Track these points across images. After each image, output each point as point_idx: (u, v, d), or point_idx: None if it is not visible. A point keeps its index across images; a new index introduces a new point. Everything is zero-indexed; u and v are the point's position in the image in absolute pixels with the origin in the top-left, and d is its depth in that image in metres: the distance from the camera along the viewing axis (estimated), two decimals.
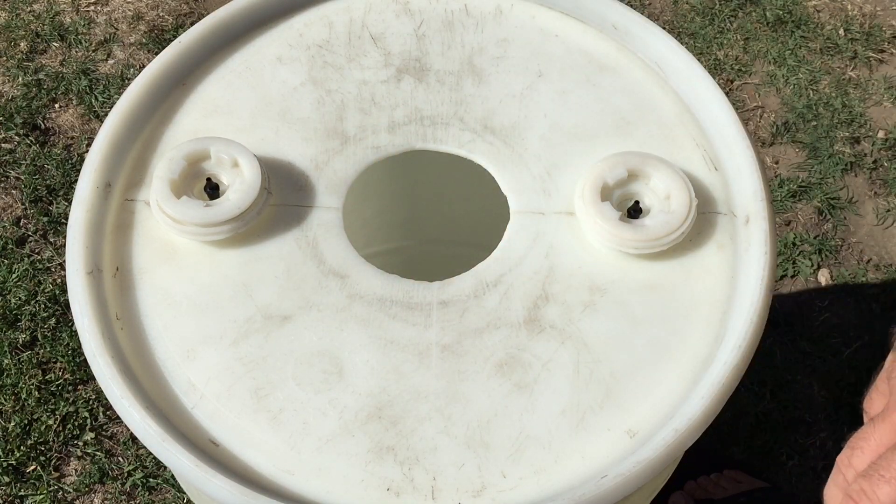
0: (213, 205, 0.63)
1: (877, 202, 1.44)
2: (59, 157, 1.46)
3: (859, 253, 1.40)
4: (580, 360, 0.60)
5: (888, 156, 1.49)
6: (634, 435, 0.58)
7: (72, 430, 1.22)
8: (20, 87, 1.55)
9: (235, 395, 0.59)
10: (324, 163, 0.69)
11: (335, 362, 0.60)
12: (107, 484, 1.19)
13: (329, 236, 0.65)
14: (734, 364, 0.57)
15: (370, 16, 0.76)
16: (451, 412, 0.58)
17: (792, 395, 1.27)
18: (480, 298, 0.63)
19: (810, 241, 1.39)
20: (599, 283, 0.63)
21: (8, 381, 1.25)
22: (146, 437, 0.55)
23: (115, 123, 0.67)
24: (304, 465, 0.57)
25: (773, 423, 1.24)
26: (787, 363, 1.29)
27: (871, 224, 1.43)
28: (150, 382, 0.59)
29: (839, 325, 1.32)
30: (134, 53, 1.61)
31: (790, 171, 1.47)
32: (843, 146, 1.49)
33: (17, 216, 1.41)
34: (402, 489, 0.56)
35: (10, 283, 1.33)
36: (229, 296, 0.63)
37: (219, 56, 0.74)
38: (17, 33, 1.62)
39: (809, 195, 1.44)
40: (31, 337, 1.29)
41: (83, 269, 0.61)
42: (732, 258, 0.64)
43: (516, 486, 0.56)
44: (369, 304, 0.62)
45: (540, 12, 0.76)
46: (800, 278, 1.37)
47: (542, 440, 0.57)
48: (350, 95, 0.72)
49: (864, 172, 1.47)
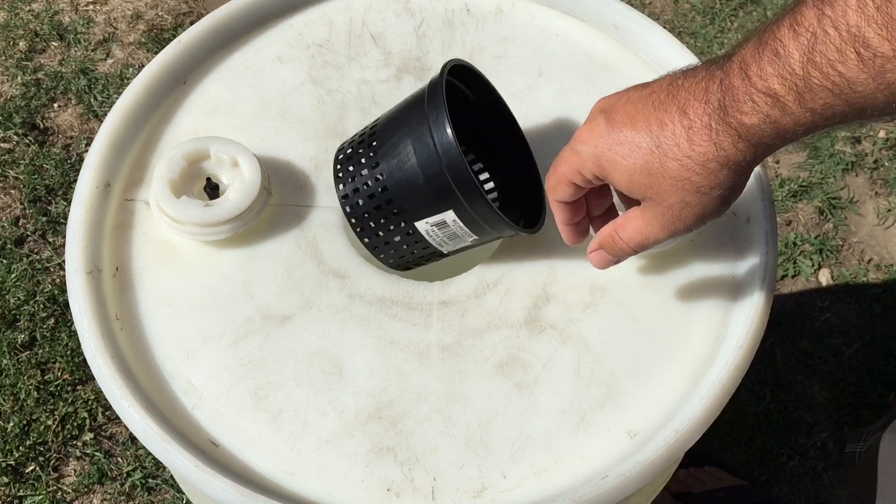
0: (212, 205, 0.62)
1: (878, 202, 1.44)
2: (57, 157, 1.46)
3: (860, 253, 1.40)
4: (581, 361, 0.60)
5: (889, 155, 1.48)
6: (635, 435, 0.58)
7: (71, 431, 1.22)
8: (19, 86, 1.55)
9: (235, 396, 0.59)
10: (324, 162, 0.69)
11: (335, 362, 0.60)
12: (106, 484, 1.19)
13: (329, 236, 0.65)
14: (735, 364, 0.57)
15: (370, 15, 0.76)
16: (451, 412, 0.58)
17: (792, 395, 1.27)
18: (481, 298, 0.63)
19: (811, 241, 1.39)
20: (600, 284, 0.63)
21: (7, 381, 1.25)
22: (146, 437, 0.55)
23: (115, 123, 0.67)
24: (303, 465, 0.56)
25: (774, 423, 1.24)
26: (787, 363, 1.29)
27: (871, 224, 1.42)
28: (150, 383, 0.59)
29: (840, 325, 1.32)
30: (133, 53, 1.60)
31: (791, 170, 1.47)
32: (844, 146, 1.49)
33: (15, 216, 1.40)
34: (402, 489, 0.56)
35: (9, 283, 1.33)
36: (229, 296, 0.62)
37: (218, 55, 0.73)
38: (15, 32, 1.62)
39: (810, 195, 1.44)
40: (29, 337, 1.29)
41: (83, 269, 0.61)
42: (733, 258, 0.64)
43: (517, 486, 0.56)
44: (369, 304, 0.62)
45: (540, 11, 0.76)
46: (800, 278, 1.37)
47: (542, 440, 0.57)
48: (350, 95, 0.72)
49: (864, 172, 1.47)
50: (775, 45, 0.41)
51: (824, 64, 0.39)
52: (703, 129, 0.45)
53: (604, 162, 0.49)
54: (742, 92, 0.43)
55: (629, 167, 0.48)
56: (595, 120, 0.50)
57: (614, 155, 0.48)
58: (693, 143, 0.45)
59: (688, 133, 0.45)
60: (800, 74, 0.40)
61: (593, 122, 0.50)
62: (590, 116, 0.51)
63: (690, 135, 0.45)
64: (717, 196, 0.47)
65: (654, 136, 0.47)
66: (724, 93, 0.44)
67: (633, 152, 0.48)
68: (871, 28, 0.37)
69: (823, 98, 0.40)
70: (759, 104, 0.43)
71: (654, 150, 0.47)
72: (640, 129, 0.47)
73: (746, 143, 0.44)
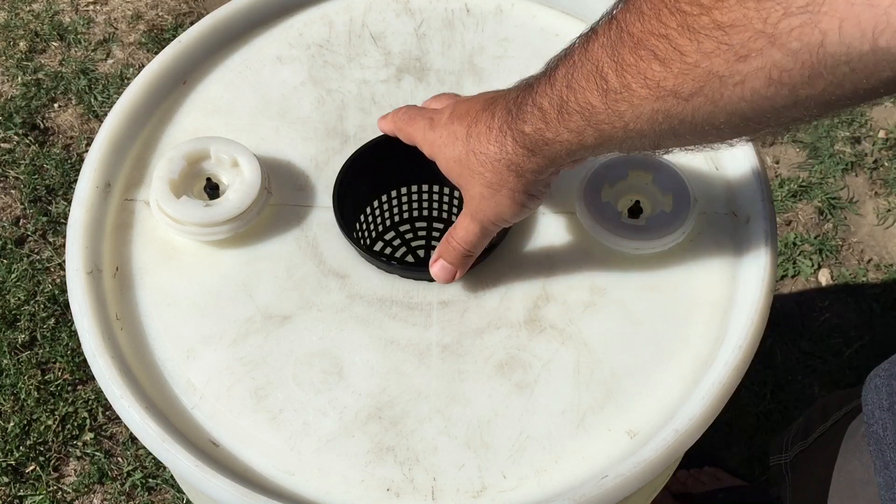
0: (212, 205, 0.63)
1: (877, 202, 1.44)
2: (58, 157, 1.46)
3: (860, 253, 1.40)
4: (580, 361, 0.60)
5: (889, 155, 1.48)
6: (635, 435, 0.58)
7: (71, 431, 1.22)
8: (19, 86, 1.55)
9: (235, 396, 0.59)
10: (324, 162, 0.69)
11: (335, 362, 0.60)
12: (106, 484, 1.19)
13: (329, 236, 0.65)
14: (735, 365, 0.57)
15: (370, 15, 0.76)
16: (451, 412, 0.58)
17: (792, 395, 1.27)
18: (481, 298, 0.63)
19: (811, 241, 1.39)
20: (600, 284, 0.63)
21: (7, 381, 1.25)
22: (146, 437, 0.55)
23: (115, 123, 0.67)
24: (303, 465, 0.57)
25: (773, 423, 1.24)
26: (787, 363, 1.29)
27: (871, 224, 1.43)
28: (150, 382, 0.59)
29: (839, 325, 1.32)
30: (133, 53, 1.61)
31: (791, 170, 1.47)
32: (844, 146, 1.49)
33: (16, 216, 1.40)
34: (402, 489, 0.56)
35: (10, 283, 1.33)
36: (229, 296, 0.62)
37: (219, 55, 0.74)
38: (16, 33, 1.62)
39: (810, 195, 1.44)
40: (30, 337, 1.29)
41: (83, 269, 0.61)
42: (733, 258, 0.64)
43: (517, 486, 0.56)
44: (369, 303, 0.62)
45: (541, 11, 0.76)
46: (800, 278, 1.37)
47: (542, 440, 0.57)
48: (350, 95, 0.72)
49: (864, 172, 1.47)
50: (554, 69, 0.47)
51: (578, 90, 0.45)
52: (497, 131, 0.51)
53: (434, 149, 0.57)
54: (526, 104, 0.49)
55: (448, 156, 0.56)
56: (443, 113, 0.57)
57: (442, 143, 0.56)
58: (490, 141, 0.52)
59: (487, 133, 0.52)
60: (561, 96, 0.46)
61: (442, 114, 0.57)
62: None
63: (489, 135, 0.52)
64: (506, 195, 0.53)
65: (468, 132, 0.54)
66: (517, 104, 0.50)
67: (452, 143, 0.55)
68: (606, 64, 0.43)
69: (576, 121, 0.46)
70: (533, 116, 0.48)
71: (465, 143, 0.54)
72: (463, 123, 0.54)
73: (525, 149, 0.50)
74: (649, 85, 0.41)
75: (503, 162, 0.52)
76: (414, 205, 0.77)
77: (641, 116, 0.43)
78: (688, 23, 0.38)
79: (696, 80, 0.39)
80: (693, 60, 0.38)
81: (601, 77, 0.43)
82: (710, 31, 0.37)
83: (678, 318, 0.62)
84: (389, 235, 0.80)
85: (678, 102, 0.40)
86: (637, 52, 0.41)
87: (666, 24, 0.39)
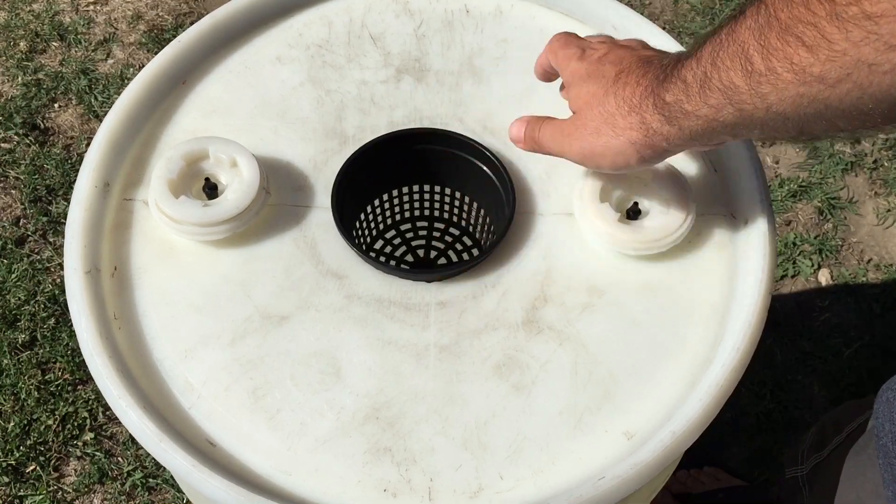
0: (211, 204, 0.63)
1: (877, 202, 1.44)
2: (58, 157, 1.46)
3: (860, 253, 1.40)
4: (578, 362, 0.60)
5: (888, 156, 1.48)
6: (632, 437, 0.58)
7: (71, 431, 1.22)
8: (19, 86, 1.55)
9: (233, 396, 0.59)
10: (322, 163, 0.69)
11: (333, 363, 0.60)
12: (106, 484, 1.19)
13: (327, 236, 0.65)
14: (732, 366, 0.57)
15: (370, 16, 0.76)
16: (448, 413, 0.58)
17: (792, 395, 1.26)
18: (479, 299, 0.63)
19: (810, 241, 1.39)
20: (598, 285, 0.63)
21: (7, 381, 1.25)
22: (143, 437, 0.55)
23: (114, 123, 0.67)
24: (301, 465, 0.57)
25: (773, 423, 1.24)
26: (787, 363, 1.29)
27: (871, 224, 1.42)
28: (148, 382, 0.59)
29: (839, 325, 1.32)
30: (133, 53, 1.61)
31: (790, 170, 1.47)
32: (844, 146, 1.49)
33: (16, 216, 1.41)
34: (399, 490, 0.56)
35: (10, 282, 1.33)
36: (227, 295, 0.63)
37: (218, 56, 0.74)
38: (16, 33, 1.62)
39: (810, 195, 1.44)
40: (30, 337, 1.29)
41: (81, 269, 0.61)
42: (731, 259, 0.64)
43: (514, 487, 0.56)
44: (367, 304, 0.62)
45: (540, 12, 0.76)
46: (800, 278, 1.37)
47: (539, 441, 0.57)
48: (349, 95, 0.72)
49: (864, 172, 1.47)
50: (701, 46, 0.49)
51: (722, 68, 0.47)
52: (643, 89, 0.54)
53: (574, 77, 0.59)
54: (672, 74, 0.51)
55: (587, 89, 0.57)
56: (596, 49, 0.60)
57: (586, 75, 0.58)
58: (634, 95, 0.54)
59: (635, 86, 0.54)
60: (705, 72, 0.48)
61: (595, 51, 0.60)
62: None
63: (636, 88, 0.54)
64: (624, 139, 0.55)
65: (616, 76, 0.56)
66: (665, 72, 0.52)
67: (597, 79, 0.57)
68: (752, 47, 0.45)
69: (717, 97, 0.48)
70: (676, 87, 0.51)
71: (611, 84, 0.56)
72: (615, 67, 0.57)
73: (661, 115, 0.52)
74: (795, 70, 0.42)
75: (638, 117, 0.54)
76: (416, 204, 0.77)
77: (785, 100, 0.44)
78: (837, 12, 0.39)
79: (843, 68, 0.40)
80: (841, 48, 0.40)
81: (746, 59, 0.45)
82: (860, 21, 0.39)
83: (676, 319, 0.62)
84: (390, 234, 0.80)
85: (824, 88, 0.42)
86: (784, 37, 0.42)
87: (814, 13, 0.40)
